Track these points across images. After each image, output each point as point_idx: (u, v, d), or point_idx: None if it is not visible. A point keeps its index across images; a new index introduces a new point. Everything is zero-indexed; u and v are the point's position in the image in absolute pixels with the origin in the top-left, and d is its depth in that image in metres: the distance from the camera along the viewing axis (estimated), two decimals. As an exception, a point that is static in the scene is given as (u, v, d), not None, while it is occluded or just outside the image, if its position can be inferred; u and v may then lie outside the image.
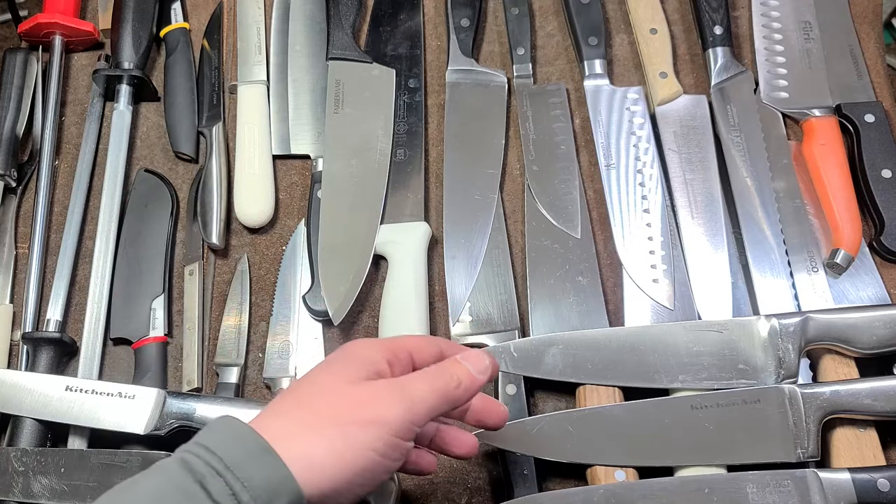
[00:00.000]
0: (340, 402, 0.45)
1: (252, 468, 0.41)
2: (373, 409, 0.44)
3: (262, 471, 0.41)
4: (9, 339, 0.75)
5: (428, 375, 0.48)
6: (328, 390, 0.45)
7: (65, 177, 0.83)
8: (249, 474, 0.41)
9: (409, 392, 0.46)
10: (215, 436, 0.43)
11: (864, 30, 0.85)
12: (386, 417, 0.44)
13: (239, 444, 0.42)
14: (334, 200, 0.76)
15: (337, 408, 0.44)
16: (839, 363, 0.67)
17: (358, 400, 0.45)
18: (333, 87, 0.81)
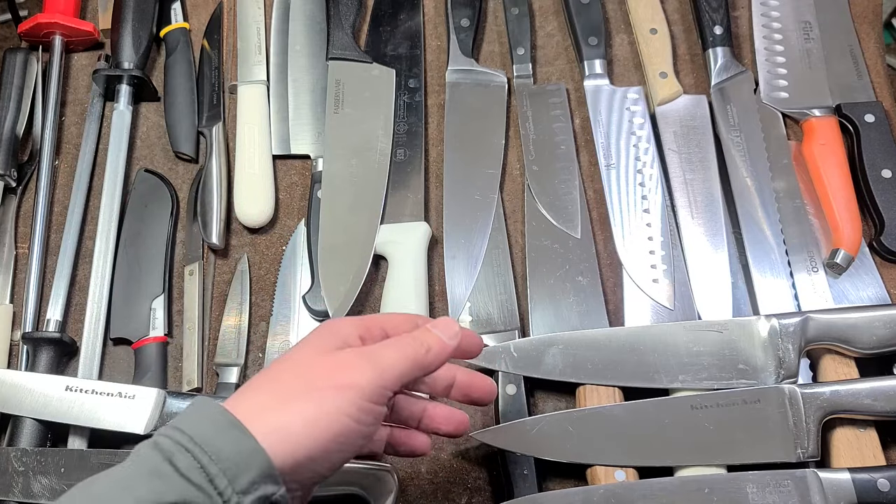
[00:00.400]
0: (312, 371, 0.45)
1: (220, 442, 0.41)
2: (344, 374, 0.45)
3: (230, 444, 0.41)
4: (9, 339, 0.75)
5: (397, 342, 0.49)
6: (300, 363, 0.46)
7: (65, 177, 0.83)
8: (218, 448, 0.41)
9: (378, 358, 0.47)
10: (186, 416, 0.43)
11: (864, 30, 0.85)
12: (357, 382, 0.45)
13: (208, 421, 0.42)
14: (334, 200, 0.76)
15: (308, 377, 0.45)
16: (839, 363, 0.67)
17: (328, 368, 0.45)
18: (333, 87, 0.81)
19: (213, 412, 0.43)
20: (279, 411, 0.43)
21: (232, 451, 0.41)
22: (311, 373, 0.45)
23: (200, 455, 0.41)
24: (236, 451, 0.41)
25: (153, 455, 0.41)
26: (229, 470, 0.41)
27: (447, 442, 0.69)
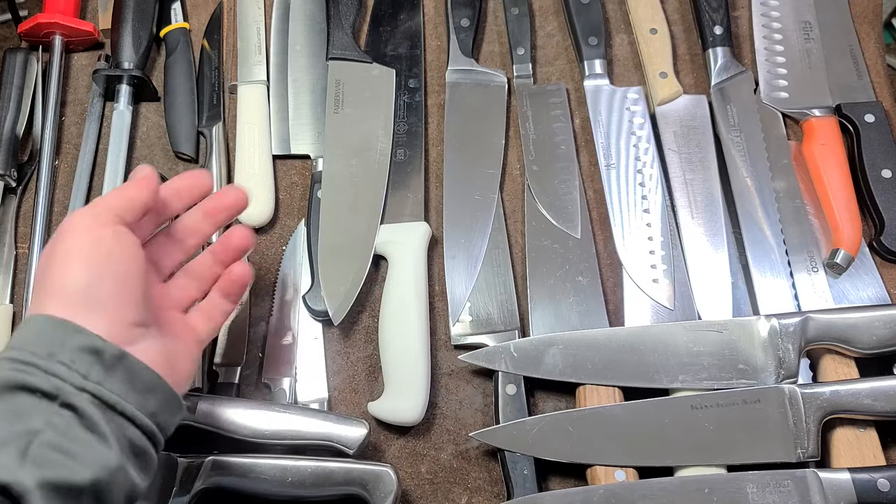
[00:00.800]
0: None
1: (33, 336, 0.47)
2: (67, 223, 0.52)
3: (43, 332, 0.47)
4: (9, 339, 0.74)
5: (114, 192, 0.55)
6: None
7: (65, 177, 0.83)
8: (32, 343, 0.47)
9: (93, 203, 0.54)
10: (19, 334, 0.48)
11: (864, 30, 0.86)
12: (77, 223, 0.52)
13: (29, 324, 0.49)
14: (334, 200, 0.76)
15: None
16: (839, 363, 0.67)
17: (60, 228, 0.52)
18: (333, 87, 0.81)
19: (29, 320, 0.49)
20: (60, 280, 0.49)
21: (45, 334, 0.47)
22: (55, 242, 0.52)
23: (23, 351, 0.46)
24: (49, 333, 0.47)
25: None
26: (46, 347, 0.46)
27: (447, 442, 0.69)
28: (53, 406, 0.44)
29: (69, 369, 0.45)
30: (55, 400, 0.44)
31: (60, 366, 0.45)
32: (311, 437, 0.64)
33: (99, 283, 0.50)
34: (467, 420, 0.70)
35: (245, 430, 0.64)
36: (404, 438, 0.69)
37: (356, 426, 0.64)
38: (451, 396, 0.71)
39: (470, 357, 0.68)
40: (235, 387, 0.71)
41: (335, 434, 0.64)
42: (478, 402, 0.71)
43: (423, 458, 0.69)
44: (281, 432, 0.64)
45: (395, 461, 0.68)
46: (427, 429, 0.70)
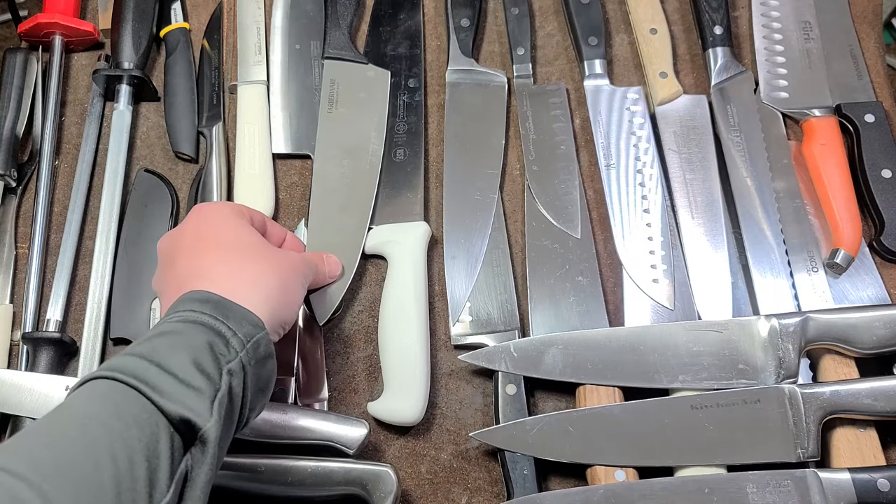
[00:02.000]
0: (270, 256, 0.61)
1: (229, 311, 0.54)
2: (294, 262, 0.63)
3: (235, 313, 0.55)
4: (9, 339, 0.74)
5: (314, 256, 0.70)
6: (252, 246, 0.61)
7: (65, 177, 0.83)
8: (228, 317, 0.54)
9: (308, 258, 0.68)
10: (197, 301, 0.55)
11: (864, 30, 0.85)
12: (302, 269, 0.64)
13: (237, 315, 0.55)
14: (325, 200, 0.76)
15: (270, 261, 0.60)
16: (839, 363, 0.67)
17: (280, 257, 0.62)
18: (328, 87, 0.81)
19: (209, 297, 0.55)
20: (261, 287, 0.57)
21: (236, 315, 0.54)
22: (279, 260, 0.61)
23: (219, 320, 0.53)
24: (239, 315, 0.54)
25: (194, 326, 0.53)
26: (235, 324, 0.53)
27: (447, 442, 0.69)
28: (225, 367, 0.51)
29: (243, 346, 0.53)
30: (227, 364, 0.51)
31: (239, 341, 0.53)
32: (311, 437, 0.64)
33: (287, 292, 0.60)
34: (467, 420, 0.70)
35: (245, 429, 0.64)
36: (404, 438, 0.69)
37: (356, 426, 0.64)
38: (451, 396, 0.71)
39: (470, 357, 0.68)
40: (235, 387, 0.71)
41: (335, 434, 0.64)
42: (478, 402, 0.71)
43: (423, 458, 0.69)
44: (281, 432, 0.64)
45: (395, 461, 0.68)
46: (427, 429, 0.70)
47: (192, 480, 0.47)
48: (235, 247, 0.59)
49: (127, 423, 0.45)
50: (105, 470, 0.43)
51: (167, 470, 0.45)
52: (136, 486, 0.43)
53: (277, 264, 0.60)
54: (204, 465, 0.48)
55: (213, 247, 0.59)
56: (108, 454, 0.43)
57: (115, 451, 0.44)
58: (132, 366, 0.49)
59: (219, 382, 0.50)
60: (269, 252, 0.61)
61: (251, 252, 0.60)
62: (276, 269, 0.59)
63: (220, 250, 0.59)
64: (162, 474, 0.45)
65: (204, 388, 0.49)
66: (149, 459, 0.45)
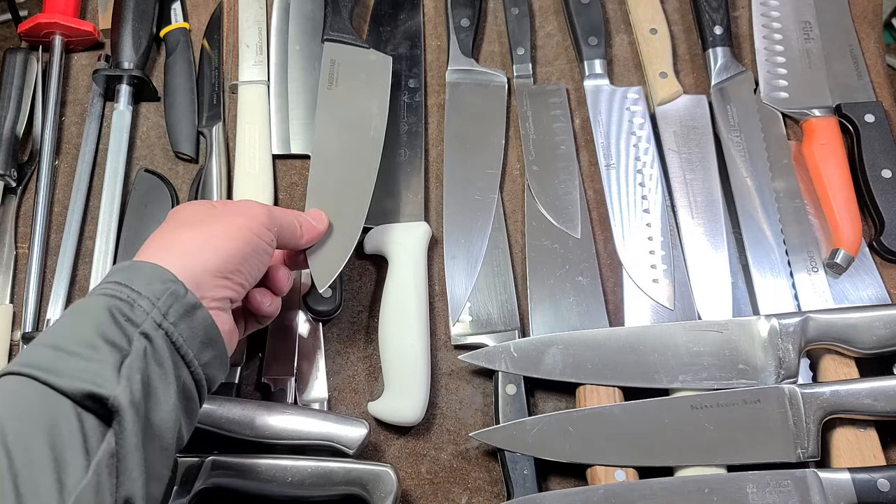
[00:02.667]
0: (213, 210, 0.59)
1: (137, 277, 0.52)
2: (242, 207, 0.60)
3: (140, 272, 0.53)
4: (9, 339, 0.74)
5: (285, 209, 0.64)
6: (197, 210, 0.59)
7: (65, 177, 0.83)
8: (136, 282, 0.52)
9: (268, 206, 0.62)
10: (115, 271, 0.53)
11: (864, 30, 0.86)
12: (255, 211, 0.60)
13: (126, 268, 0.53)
14: (324, 171, 0.72)
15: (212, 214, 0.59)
16: (839, 363, 0.67)
17: (227, 207, 0.60)
18: (328, 67, 0.78)
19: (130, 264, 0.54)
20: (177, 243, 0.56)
21: (143, 276, 0.52)
22: (213, 210, 0.59)
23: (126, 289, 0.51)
24: (146, 276, 0.52)
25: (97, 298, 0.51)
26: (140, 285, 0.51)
27: (447, 442, 0.69)
28: (136, 332, 0.49)
29: (153, 305, 0.50)
30: (137, 328, 0.49)
31: (147, 301, 0.50)
32: (311, 437, 0.64)
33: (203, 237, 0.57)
34: (467, 420, 0.70)
35: (245, 430, 0.64)
36: (404, 438, 0.69)
37: (356, 426, 0.64)
38: (451, 396, 0.71)
39: (470, 357, 0.68)
40: (235, 387, 0.71)
41: (335, 434, 0.64)
42: (478, 402, 0.71)
43: (423, 458, 0.69)
44: (281, 432, 0.64)
45: (395, 461, 0.68)
46: (427, 429, 0.70)
47: (120, 453, 0.45)
48: (175, 221, 0.58)
49: (20, 415, 0.44)
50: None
51: (79, 451, 0.44)
52: (35, 475, 0.42)
53: (206, 218, 0.58)
54: (125, 433, 0.46)
55: (163, 227, 0.58)
56: (1, 449, 0.42)
57: (6, 446, 0.42)
58: (29, 355, 0.48)
59: (128, 348, 0.48)
60: (203, 211, 0.59)
61: (184, 219, 0.58)
62: (204, 222, 0.57)
63: (159, 231, 0.58)
64: (72, 456, 0.43)
65: (107, 357, 0.47)
66: (51, 445, 0.43)
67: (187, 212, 0.59)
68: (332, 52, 0.80)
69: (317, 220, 0.66)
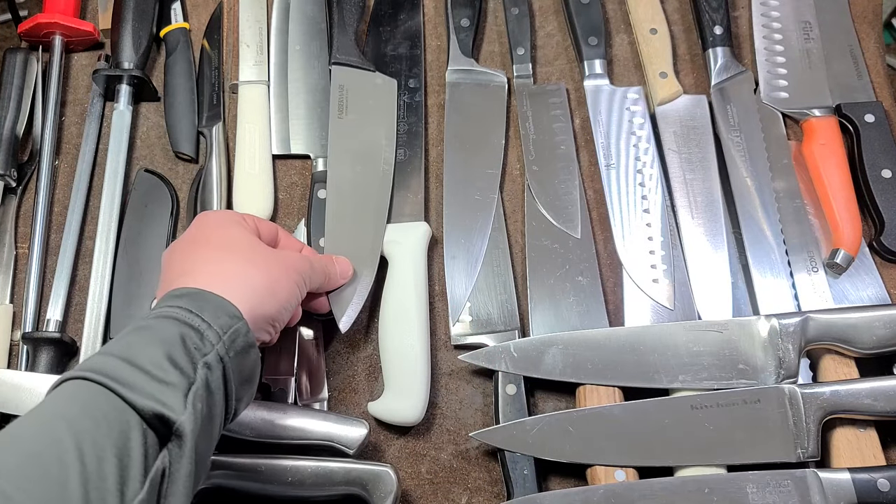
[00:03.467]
0: (268, 257, 0.61)
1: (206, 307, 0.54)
2: (292, 261, 0.63)
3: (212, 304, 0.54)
4: (9, 339, 0.74)
5: (319, 258, 0.68)
6: (248, 247, 0.61)
7: (65, 177, 0.83)
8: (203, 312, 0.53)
9: (311, 259, 0.66)
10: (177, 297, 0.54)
11: (864, 30, 0.85)
12: (302, 267, 0.63)
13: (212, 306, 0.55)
14: (340, 206, 0.75)
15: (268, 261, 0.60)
16: (839, 363, 0.67)
17: (278, 256, 0.62)
18: (337, 93, 0.81)
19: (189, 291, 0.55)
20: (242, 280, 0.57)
21: (210, 307, 0.54)
22: (260, 247, 0.61)
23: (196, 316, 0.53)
24: (213, 307, 0.54)
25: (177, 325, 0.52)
26: (210, 316, 0.53)
27: (447, 442, 0.69)
28: (201, 361, 0.50)
29: (219, 338, 0.52)
30: (203, 356, 0.51)
31: (215, 333, 0.52)
32: (311, 437, 0.64)
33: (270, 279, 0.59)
34: (467, 420, 0.70)
35: (245, 430, 0.64)
36: (404, 438, 0.69)
37: (356, 426, 0.64)
38: (451, 396, 0.71)
39: (470, 357, 0.68)
40: (235, 387, 0.71)
41: (335, 434, 0.64)
42: (478, 402, 0.71)
43: (423, 458, 0.69)
44: (281, 432, 0.64)
45: (395, 461, 0.68)
46: (427, 429, 0.70)
47: (172, 476, 0.47)
48: (226, 246, 0.60)
49: (96, 421, 0.45)
50: (71, 468, 0.42)
51: (140, 467, 0.45)
52: (104, 485, 0.43)
53: (265, 261, 0.60)
54: (182, 459, 0.47)
55: (204, 247, 0.60)
56: (75, 453, 0.43)
57: (82, 450, 0.43)
58: (102, 363, 0.48)
59: (193, 376, 0.50)
60: (260, 250, 0.61)
61: (240, 250, 0.60)
62: (265, 265, 0.59)
63: (209, 250, 0.59)
64: (134, 471, 0.44)
65: (177, 381, 0.48)
66: (119, 457, 0.44)
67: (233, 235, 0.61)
68: (341, 76, 0.82)
69: (343, 272, 0.70)
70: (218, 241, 0.60)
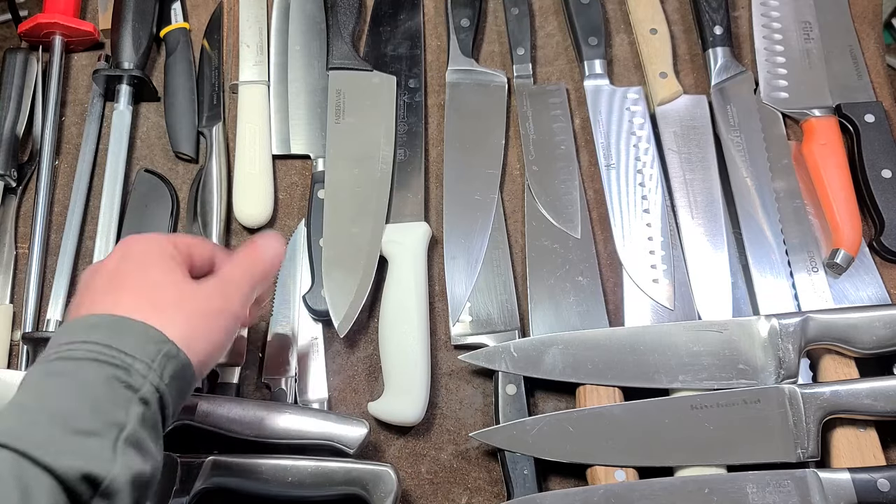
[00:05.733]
0: (187, 296, 0.54)
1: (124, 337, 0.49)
2: (218, 300, 0.56)
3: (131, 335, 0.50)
4: (9, 339, 0.74)
5: (244, 270, 0.59)
6: (167, 286, 0.54)
7: (65, 177, 0.83)
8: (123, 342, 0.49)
9: (239, 285, 0.58)
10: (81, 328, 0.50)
11: (864, 30, 0.85)
12: (232, 306, 0.57)
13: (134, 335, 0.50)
14: (338, 210, 0.76)
15: (187, 300, 0.54)
16: (839, 363, 0.67)
17: (203, 294, 0.55)
18: (334, 98, 0.81)
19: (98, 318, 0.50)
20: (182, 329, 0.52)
21: (132, 338, 0.49)
22: (187, 294, 0.54)
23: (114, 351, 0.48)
24: (134, 336, 0.49)
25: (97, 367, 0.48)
26: (132, 349, 0.49)
27: (447, 442, 0.69)
28: (134, 398, 0.47)
29: (149, 368, 0.49)
30: (136, 393, 0.48)
31: (143, 365, 0.48)
32: (311, 437, 0.64)
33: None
34: (467, 420, 0.70)
35: (245, 429, 0.64)
36: (404, 438, 0.69)
37: (356, 426, 0.64)
38: (451, 396, 0.71)
39: (470, 357, 0.68)
40: (235, 387, 0.71)
41: (335, 434, 0.64)
42: (478, 402, 0.71)
43: (423, 458, 0.69)
44: (281, 432, 0.64)
45: (395, 461, 0.68)
46: (427, 429, 0.70)
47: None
48: (151, 289, 0.53)
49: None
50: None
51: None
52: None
53: (195, 301, 0.54)
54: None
55: (129, 288, 0.53)
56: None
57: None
58: (12, 424, 0.44)
59: (124, 419, 0.46)
60: (189, 291, 0.55)
61: (167, 293, 0.54)
62: (191, 311, 0.53)
63: (133, 293, 0.53)
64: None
65: (102, 429, 0.45)
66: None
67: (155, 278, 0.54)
68: (337, 80, 0.82)
69: (272, 260, 0.61)
70: (144, 284, 0.54)
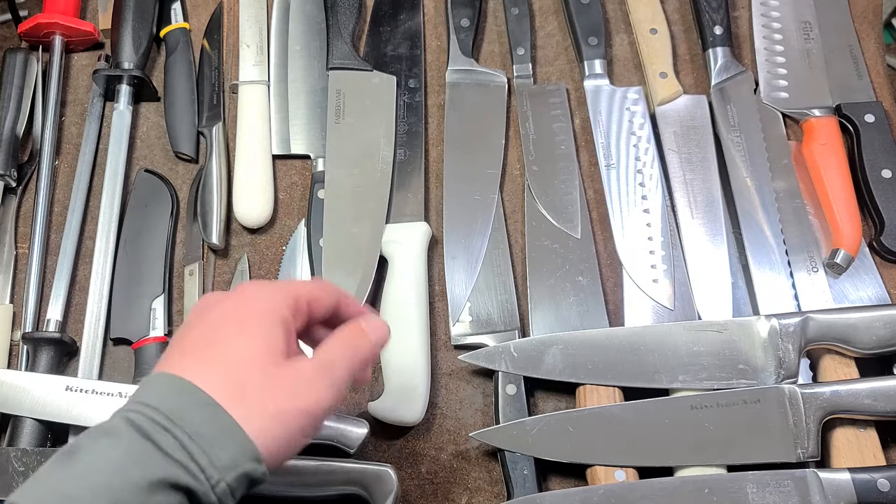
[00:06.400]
0: (274, 386, 0.46)
1: (196, 418, 0.42)
2: (307, 398, 0.47)
3: (206, 421, 0.42)
4: (9, 339, 0.74)
5: (345, 356, 0.50)
6: (256, 367, 0.46)
7: (65, 177, 0.83)
8: (194, 424, 0.42)
9: (335, 377, 0.49)
10: (153, 391, 0.43)
11: (864, 30, 0.86)
12: (321, 407, 0.47)
13: (178, 397, 0.43)
14: (338, 210, 0.76)
15: (273, 392, 0.45)
16: (839, 363, 0.67)
17: (292, 386, 0.46)
18: (334, 98, 0.81)
19: (182, 388, 0.43)
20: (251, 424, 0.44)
21: (209, 427, 0.42)
22: (275, 388, 0.46)
23: (179, 433, 0.41)
24: (214, 428, 0.42)
25: (131, 434, 0.41)
26: (208, 446, 0.41)
27: (447, 442, 0.69)
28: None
29: (228, 493, 0.42)
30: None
31: (224, 487, 0.42)
32: (311, 437, 0.64)
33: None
34: (467, 420, 0.70)
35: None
36: (404, 438, 0.69)
37: (356, 426, 0.64)
38: (451, 396, 0.71)
39: (470, 357, 0.68)
40: (235, 387, 0.71)
41: (335, 434, 0.64)
42: (478, 402, 0.71)
43: (423, 458, 0.69)
44: (281, 432, 0.64)
45: (395, 461, 0.68)
46: (427, 429, 0.70)
47: None
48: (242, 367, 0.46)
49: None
50: None
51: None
52: None
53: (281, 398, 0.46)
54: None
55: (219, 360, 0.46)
56: None
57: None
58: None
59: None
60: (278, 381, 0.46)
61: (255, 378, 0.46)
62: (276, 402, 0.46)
63: (222, 367, 0.46)
64: None
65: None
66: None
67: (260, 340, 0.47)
68: (337, 80, 0.82)
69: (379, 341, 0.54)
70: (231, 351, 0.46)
